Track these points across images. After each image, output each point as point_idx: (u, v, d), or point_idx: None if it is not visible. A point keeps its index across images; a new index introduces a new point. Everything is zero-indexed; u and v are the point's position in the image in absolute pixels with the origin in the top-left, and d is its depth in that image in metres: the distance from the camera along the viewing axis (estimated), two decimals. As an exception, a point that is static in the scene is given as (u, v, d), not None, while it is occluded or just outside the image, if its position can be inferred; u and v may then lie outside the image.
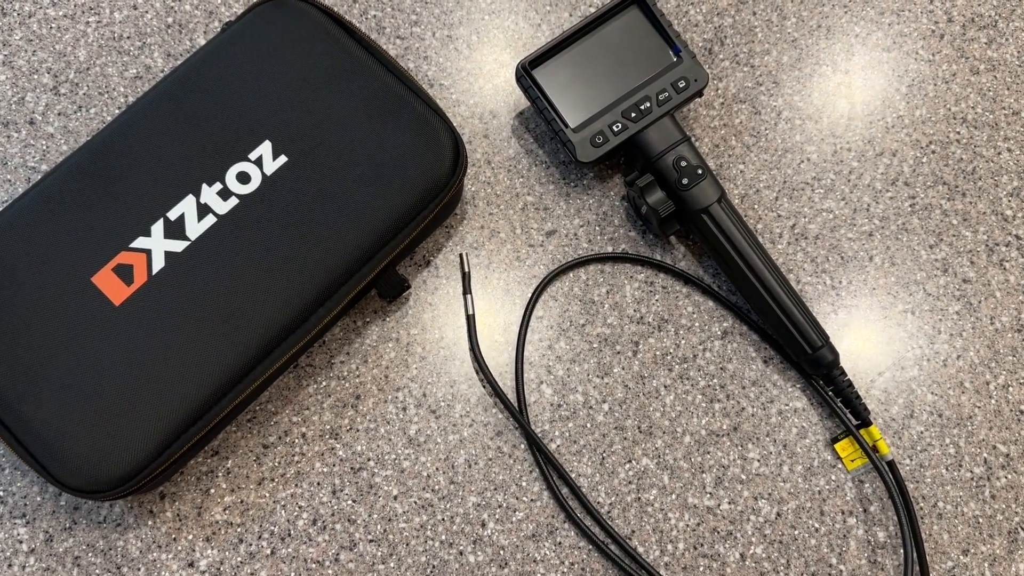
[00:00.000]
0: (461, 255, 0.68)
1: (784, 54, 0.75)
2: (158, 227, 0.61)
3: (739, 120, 0.74)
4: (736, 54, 0.75)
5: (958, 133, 0.74)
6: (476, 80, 0.74)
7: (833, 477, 0.65)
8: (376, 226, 0.62)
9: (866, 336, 0.68)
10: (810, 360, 0.65)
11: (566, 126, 0.68)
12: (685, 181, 0.66)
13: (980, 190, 0.72)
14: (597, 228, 0.71)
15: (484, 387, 0.66)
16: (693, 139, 0.73)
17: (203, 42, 0.74)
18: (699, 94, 0.69)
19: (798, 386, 0.67)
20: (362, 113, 0.64)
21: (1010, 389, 0.67)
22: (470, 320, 0.66)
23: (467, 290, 0.67)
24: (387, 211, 0.62)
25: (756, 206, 0.71)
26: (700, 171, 0.66)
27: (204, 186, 0.61)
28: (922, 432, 0.66)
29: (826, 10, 0.76)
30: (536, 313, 0.68)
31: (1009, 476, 0.65)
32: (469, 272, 0.68)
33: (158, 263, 0.60)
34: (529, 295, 0.68)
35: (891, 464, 0.64)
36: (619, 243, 0.70)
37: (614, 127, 0.67)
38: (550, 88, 0.68)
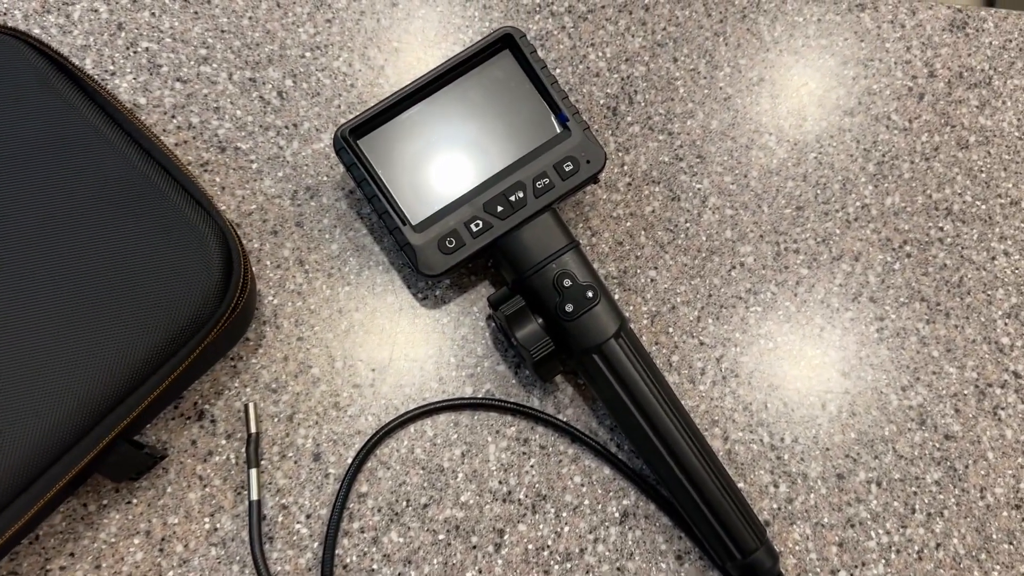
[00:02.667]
0: (247, 406, 0.47)
1: (713, 117, 0.56)
2: None
3: (651, 208, 0.54)
4: (649, 116, 0.55)
5: (941, 230, 0.55)
6: (289, 143, 0.52)
7: None
8: (95, 386, 0.41)
9: (816, 517, 0.49)
10: (741, 568, 0.46)
11: (404, 222, 0.47)
12: (569, 308, 0.46)
13: (969, 309, 0.54)
14: (453, 360, 0.50)
15: (273, 606, 0.45)
16: (589, 236, 0.53)
17: None
18: (593, 180, 0.49)
19: (723, 594, 0.48)
20: (84, 208, 0.42)
21: (1006, 592, 0.49)
22: (254, 507, 0.45)
23: (253, 460, 0.46)
24: (111, 362, 0.41)
25: (671, 329, 0.52)
26: (591, 293, 0.46)
27: None
28: (890, 657, 0.48)
29: (771, 57, 0.57)
30: (358, 489, 0.47)
31: None
32: (258, 433, 0.47)
33: None
34: (349, 462, 0.48)
35: None
36: (482, 382, 0.50)
37: (473, 225, 0.47)
38: (384, 166, 0.48)
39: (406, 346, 0.50)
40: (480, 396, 0.50)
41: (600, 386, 0.47)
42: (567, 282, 0.47)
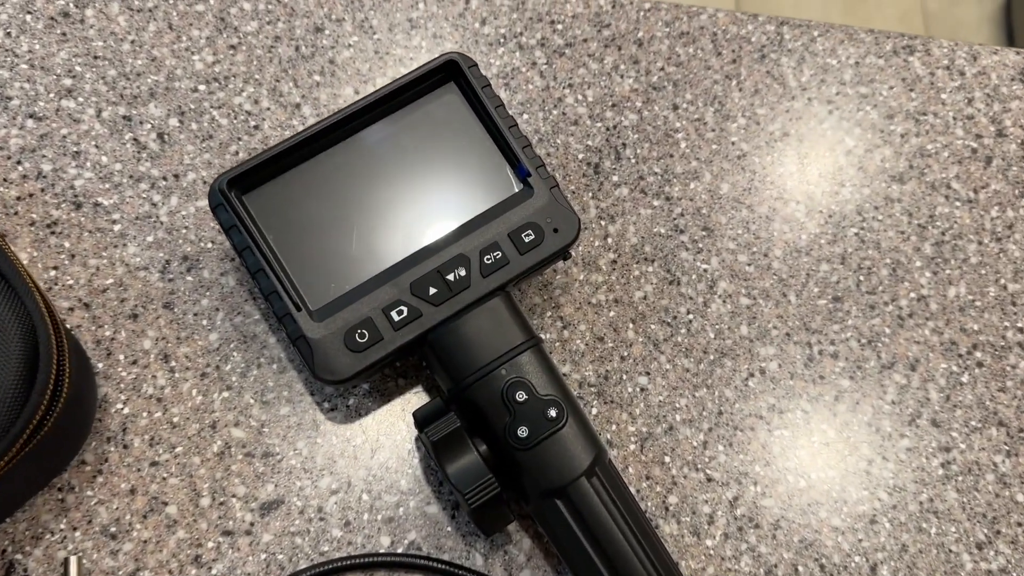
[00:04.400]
0: (67, 560, 0.33)
1: (724, 179, 0.43)
2: None
3: (643, 293, 0.41)
4: (641, 175, 0.43)
5: (1020, 331, 0.42)
6: (166, 199, 0.40)
7: None
8: None
9: None
10: None
11: (299, 306, 0.34)
12: (523, 432, 0.33)
13: (1062, 438, 0.40)
14: (366, 497, 0.36)
15: None
16: (559, 329, 0.40)
17: None
18: (562, 255, 0.36)
19: None
20: None
21: None
22: None
23: (66, 643, 0.32)
24: None
25: (668, 459, 0.38)
26: (555, 411, 0.33)
27: None
28: None
29: (797, 107, 0.45)
30: None
31: None
32: (77, 601, 0.33)
33: None
34: (208, 643, 0.34)
35: None
36: (405, 530, 0.36)
37: (395, 313, 0.34)
38: (276, 231, 0.35)
39: (300, 474, 0.37)
40: (401, 551, 0.36)
41: (564, 543, 0.34)
42: (521, 395, 0.34)
